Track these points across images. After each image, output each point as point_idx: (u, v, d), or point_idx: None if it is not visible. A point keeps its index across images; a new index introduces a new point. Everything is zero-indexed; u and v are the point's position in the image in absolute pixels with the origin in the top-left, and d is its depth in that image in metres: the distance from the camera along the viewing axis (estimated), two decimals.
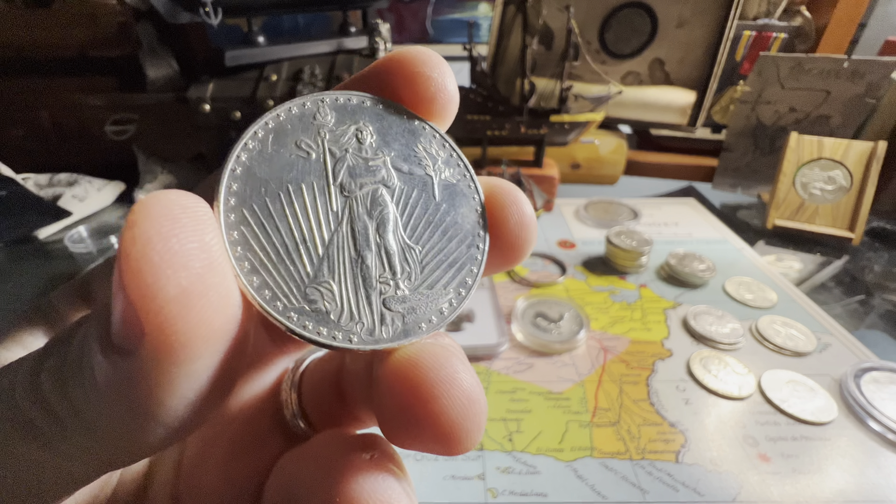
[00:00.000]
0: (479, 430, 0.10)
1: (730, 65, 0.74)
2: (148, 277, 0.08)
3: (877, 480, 0.31)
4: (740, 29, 0.72)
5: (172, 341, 0.08)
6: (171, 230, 0.08)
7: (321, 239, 0.11)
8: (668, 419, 0.35)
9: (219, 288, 0.09)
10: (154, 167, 0.70)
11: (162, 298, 0.08)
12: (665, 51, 0.74)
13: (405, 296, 0.12)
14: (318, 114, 0.12)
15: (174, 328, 0.08)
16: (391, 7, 1.12)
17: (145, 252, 0.08)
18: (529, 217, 0.13)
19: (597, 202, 0.68)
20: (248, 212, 0.11)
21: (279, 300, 0.11)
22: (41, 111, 0.69)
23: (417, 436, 0.10)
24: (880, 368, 0.39)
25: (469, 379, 0.10)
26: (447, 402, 0.10)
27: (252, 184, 0.11)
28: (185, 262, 0.08)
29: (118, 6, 0.64)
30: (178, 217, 0.08)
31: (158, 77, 0.68)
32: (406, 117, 0.13)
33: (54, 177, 0.67)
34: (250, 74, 0.66)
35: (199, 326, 0.08)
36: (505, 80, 0.77)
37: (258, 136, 0.11)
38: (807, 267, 0.56)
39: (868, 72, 0.61)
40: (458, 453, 0.10)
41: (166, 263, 0.08)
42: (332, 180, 0.12)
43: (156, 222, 0.08)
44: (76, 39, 0.66)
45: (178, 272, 0.08)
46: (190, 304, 0.08)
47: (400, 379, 0.10)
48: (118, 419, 0.09)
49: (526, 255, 0.13)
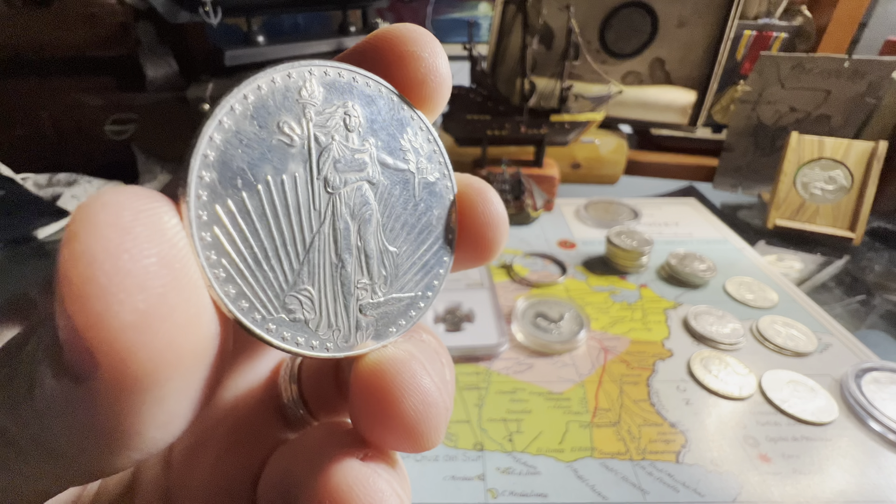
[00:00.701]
0: (437, 430, 0.11)
1: (730, 64, 0.74)
2: (95, 304, 0.07)
3: (878, 481, 0.31)
4: (741, 28, 0.72)
5: (133, 370, 0.07)
6: (120, 243, 0.07)
7: (302, 241, 0.11)
8: (668, 419, 0.35)
9: (186, 306, 0.08)
10: (153, 167, 0.70)
11: (115, 327, 0.07)
12: (665, 50, 0.74)
13: (380, 301, 0.12)
14: (305, 88, 0.11)
15: (134, 357, 0.07)
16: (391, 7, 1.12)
17: (90, 273, 0.07)
18: (499, 215, 0.13)
19: (597, 202, 0.68)
20: (222, 209, 0.09)
21: (257, 311, 0.10)
22: (41, 111, 0.69)
23: (383, 434, 0.11)
24: (881, 369, 0.39)
25: (427, 382, 0.11)
26: (409, 404, 0.10)
27: (227, 174, 0.09)
28: (141, 282, 0.07)
29: (118, 6, 0.64)
30: (130, 226, 0.07)
31: (158, 77, 0.68)
32: (396, 103, 0.12)
33: (54, 177, 0.67)
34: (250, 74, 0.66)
35: (166, 351, 0.07)
36: (505, 80, 0.77)
37: (235, 111, 0.10)
38: (807, 267, 0.56)
39: (869, 71, 0.61)
40: (423, 450, 0.11)
41: (117, 286, 0.07)
42: (316, 174, 0.11)
43: (101, 234, 0.07)
44: (76, 39, 0.66)
45: (133, 295, 0.07)
46: (151, 329, 0.07)
47: (366, 383, 0.11)
48: (79, 444, 0.08)
49: (496, 253, 0.13)
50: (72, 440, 0.08)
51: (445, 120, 0.64)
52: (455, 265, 0.13)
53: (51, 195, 0.63)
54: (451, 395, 0.12)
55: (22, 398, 0.08)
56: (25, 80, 0.67)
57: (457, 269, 0.14)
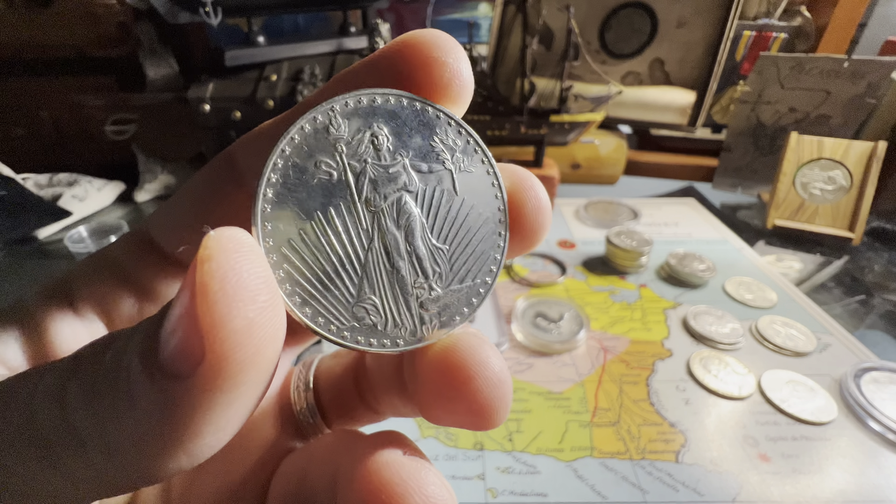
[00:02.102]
0: (507, 407, 0.12)
1: (730, 65, 0.74)
2: (222, 308, 0.08)
3: (877, 480, 0.31)
4: (740, 29, 0.72)
5: (228, 370, 0.08)
6: (242, 265, 0.09)
7: (357, 258, 0.12)
8: (668, 419, 0.35)
9: (275, 320, 0.09)
10: (154, 167, 0.70)
11: (230, 329, 0.08)
12: (665, 51, 0.74)
13: (438, 295, 0.13)
14: (332, 126, 0.12)
15: (233, 357, 0.08)
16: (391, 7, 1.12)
17: (221, 285, 0.08)
18: (545, 202, 0.13)
19: (597, 202, 0.68)
20: (287, 249, 0.11)
21: (332, 324, 0.12)
22: (41, 111, 0.69)
23: (455, 412, 0.11)
24: (880, 368, 0.39)
25: (498, 363, 0.12)
26: (481, 383, 0.11)
27: (284, 220, 0.11)
28: (254, 296, 0.09)
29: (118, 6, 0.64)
30: (247, 252, 0.09)
31: (158, 77, 0.68)
32: (419, 108, 0.13)
33: (54, 177, 0.67)
34: (250, 74, 0.66)
35: (255, 356, 0.09)
36: (505, 80, 0.77)
37: (278, 167, 0.11)
38: (807, 267, 0.56)
39: (868, 72, 0.61)
40: (490, 427, 0.12)
41: (239, 296, 0.08)
42: (357, 198, 0.12)
43: (230, 256, 0.09)
44: (76, 39, 0.66)
45: (248, 305, 0.08)
46: (251, 335, 0.08)
47: (441, 365, 0.12)
48: (145, 443, 0.09)
49: (542, 238, 0.14)
50: (141, 435, 0.09)
51: None
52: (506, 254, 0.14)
53: (51, 195, 0.63)
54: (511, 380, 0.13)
55: (103, 394, 0.09)
56: (25, 80, 0.67)
57: (508, 257, 0.14)
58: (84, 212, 0.64)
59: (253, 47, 0.65)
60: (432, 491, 0.10)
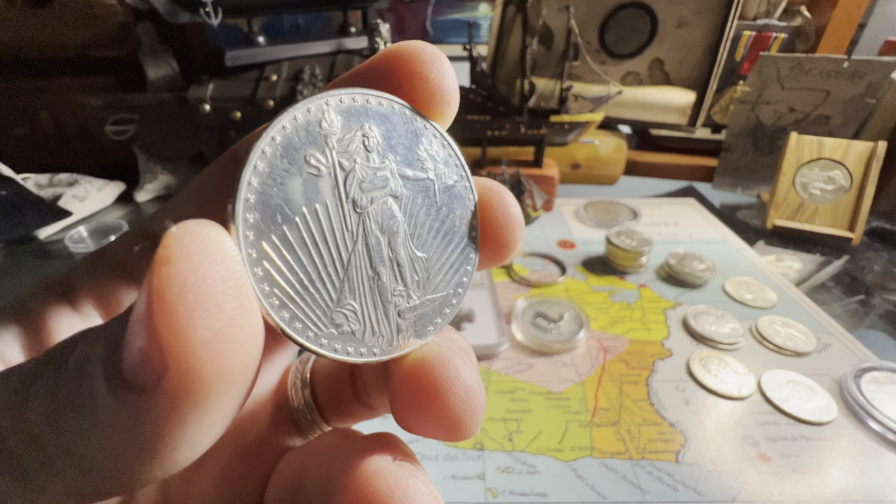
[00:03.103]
0: (477, 419, 0.12)
1: (730, 65, 0.74)
2: (182, 320, 0.07)
3: (877, 480, 0.31)
4: (740, 29, 0.72)
5: (195, 384, 0.08)
6: (207, 269, 0.08)
7: (340, 261, 0.12)
8: (667, 419, 0.35)
9: (248, 329, 0.08)
10: (154, 167, 0.70)
11: (193, 342, 0.07)
12: (665, 51, 0.74)
13: (416, 304, 0.13)
14: (324, 119, 0.12)
15: (199, 371, 0.08)
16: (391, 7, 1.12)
17: (181, 293, 0.07)
18: (516, 216, 0.13)
19: (597, 202, 0.68)
20: (268, 245, 0.10)
21: (310, 330, 0.11)
22: (41, 111, 0.69)
23: (427, 426, 0.11)
24: (880, 368, 0.39)
25: (468, 375, 0.12)
26: (452, 396, 0.11)
27: (268, 212, 0.10)
28: (220, 304, 0.08)
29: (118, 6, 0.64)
30: (214, 255, 0.08)
31: (158, 77, 0.68)
32: (409, 116, 0.13)
33: (54, 177, 0.67)
34: (250, 74, 0.66)
35: (225, 369, 0.08)
36: (505, 81, 0.77)
37: (266, 153, 0.11)
38: (807, 267, 0.56)
39: (868, 72, 0.61)
40: (462, 439, 0.12)
41: (202, 306, 0.08)
42: (344, 198, 0.12)
43: (192, 260, 0.08)
44: (76, 39, 0.66)
45: (213, 315, 0.08)
46: (219, 348, 0.08)
47: (413, 377, 0.12)
48: (115, 457, 0.08)
49: (514, 252, 0.14)
50: (107, 452, 0.08)
51: None
52: (477, 266, 0.14)
53: (52, 195, 0.63)
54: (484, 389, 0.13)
55: (65, 406, 0.08)
56: (26, 80, 0.67)
57: (479, 269, 0.14)
58: (84, 212, 0.64)
59: (253, 47, 0.65)
60: (419, 499, 0.10)
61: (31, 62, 0.67)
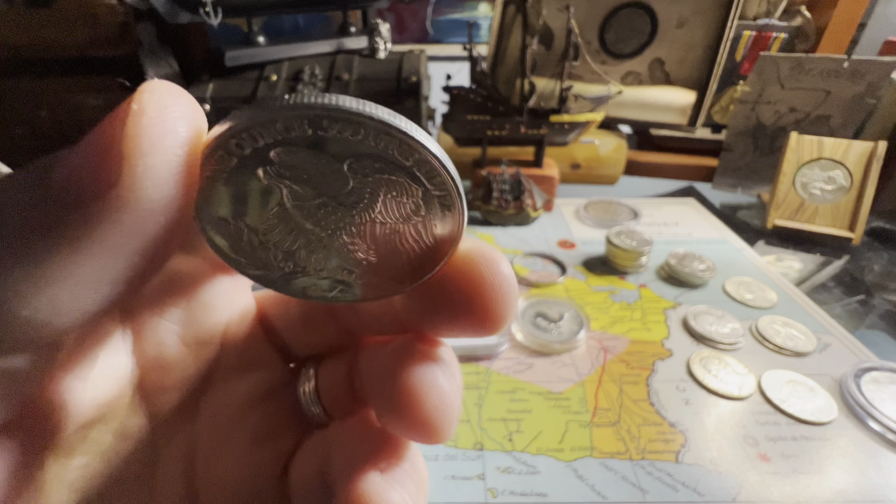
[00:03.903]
0: (451, 425, 0.12)
1: (730, 65, 0.74)
2: (151, 138, 0.08)
3: (877, 480, 0.31)
4: (740, 29, 0.72)
5: (135, 203, 0.08)
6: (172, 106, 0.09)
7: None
8: (668, 419, 0.35)
9: (173, 172, 0.09)
10: None
11: (156, 162, 0.08)
12: (665, 51, 0.74)
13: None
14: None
15: (142, 180, 0.08)
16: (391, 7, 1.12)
17: (158, 117, 0.08)
18: (508, 287, 0.12)
19: (597, 202, 0.68)
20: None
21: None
22: (41, 111, 0.69)
23: (402, 430, 0.12)
24: (880, 368, 0.39)
25: (444, 382, 0.12)
26: (426, 402, 0.12)
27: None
28: (180, 142, 0.09)
29: (118, 6, 0.64)
30: (178, 97, 0.09)
31: (158, 77, 0.68)
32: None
33: None
34: (250, 74, 0.66)
35: (158, 187, 0.08)
36: (505, 80, 0.77)
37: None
38: (807, 267, 0.56)
39: (868, 72, 0.61)
40: (438, 442, 0.12)
41: (166, 127, 0.08)
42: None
43: (169, 101, 0.09)
44: (76, 39, 0.66)
45: (174, 148, 0.09)
46: (161, 174, 0.08)
47: (385, 381, 0.12)
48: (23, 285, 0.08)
49: (501, 328, 0.12)
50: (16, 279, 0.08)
51: (445, 120, 0.64)
52: (459, 332, 0.13)
53: None
54: (461, 397, 0.13)
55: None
56: (26, 79, 0.67)
57: (458, 336, 0.13)
58: None
59: (253, 47, 0.65)
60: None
61: (31, 62, 0.67)
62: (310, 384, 0.16)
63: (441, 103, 0.66)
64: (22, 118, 0.69)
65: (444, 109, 0.65)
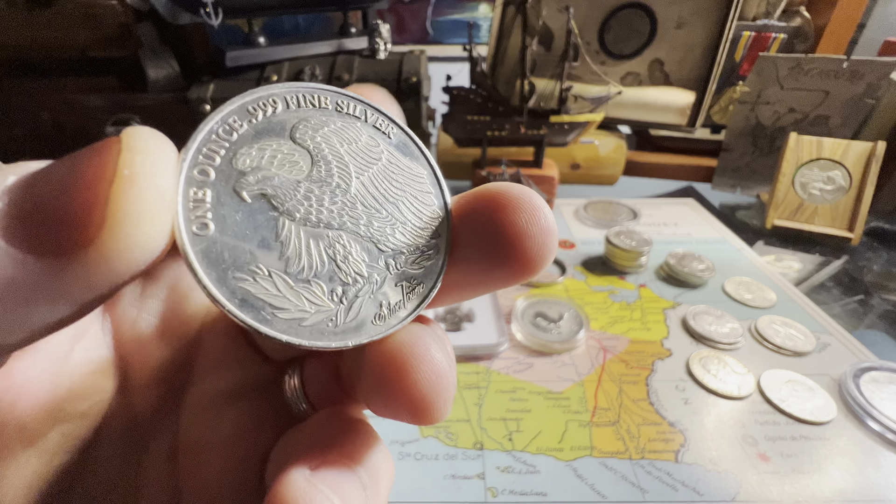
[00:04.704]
0: (446, 401, 0.11)
1: (729, 65, 0.74)
2: (140, 196, 0.08)
3: (876, 480, 0.31)
4: (739, 29, 0.72)
5: (118, 255, 0.08)
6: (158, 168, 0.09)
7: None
8: (667, 419, 0.36)
9: (161, 229, 0.09)
10: None
11: (136, 217, 0.08)
12: (664, 51, 0.74)
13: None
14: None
15: (124, 244, 0.08)
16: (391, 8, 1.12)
17: (146, 174, 0.08)
18: (546, 224, 0.13)
19: (596, 202, 0.68)
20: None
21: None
22: (42, 111, 0.69)
23: (395, 406, 0.11)
24: (879, 368, 0.39)
25: (439, 355, 0.12)
26: (419, 375, 0.11)
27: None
28: (162, 206, 0.09)
29: (119, 6, 0.64)
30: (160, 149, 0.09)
31: (159, 77, 0.68)
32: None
33: None
34: (251, 75, 0.66)
35: (137, 254, 0.08)
36: (505, 81, 0.77)
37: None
38: (806, 267, 0.56)
39: (867, 72, 0.62)
40: (431, 422, 0.11)
41: (152, 194, 0.08)
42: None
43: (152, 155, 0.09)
44: (77, 40, 0.66)
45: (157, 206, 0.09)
46: (142, 230, 0.08)
47: (380, 358, 0.12)
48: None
49: (541, 269, 0.12)
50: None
51: (445, 120, 0.65)
52: (498, 283, 0.13)
53: None
54: (455, 374, 0.13)
55: None
56: (26, 80, 0.67)
57: (499, 288, 0.13)
58: None
59: (253, 48, 0.65)
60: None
61: (32, 62, 0.67)
62: (295, 379, 0.15)
63: (441, 104, 0.66)
64: (22, 119, 0.69)
65: (444, 110, 0.65)
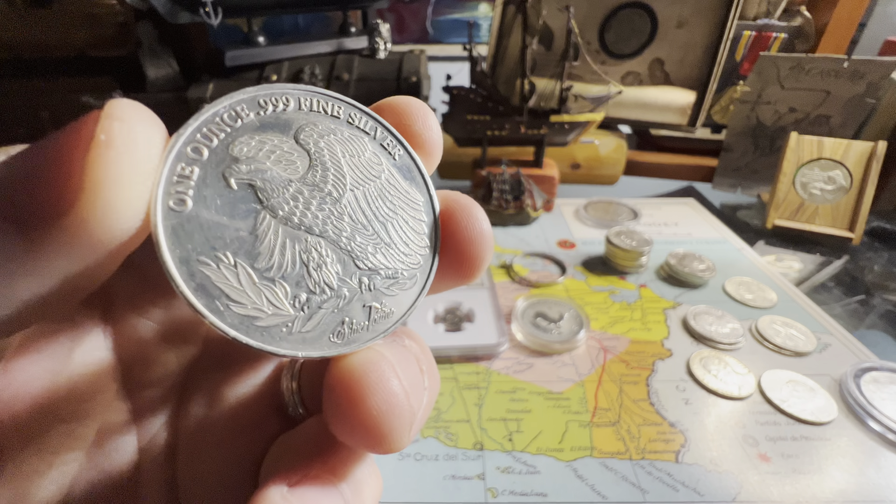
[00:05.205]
0: (401, 432, 0.11)
1: (729, 65, 0.74)
2: (115, 166, 0.08)
3: (877, 480, 0.31)
4: (740, 29, 0.72)
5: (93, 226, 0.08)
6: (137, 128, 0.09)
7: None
8: (667, 419, 0.35)
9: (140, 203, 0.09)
10: None
11: (114, 189, 0.08)
12: (665, 51, 0.74)
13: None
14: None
15: (100, 215, 0.08)
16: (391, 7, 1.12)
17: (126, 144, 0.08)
18: (484, 233, 0.14)
19: (597, 202, 0.68)
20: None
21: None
22: (41, 111, 0.69)
23: (347, 432, 0.11)
24: (880, 368, 0.39)
25: (395, 384, 0.11)
26: (371, 404, 0.11)
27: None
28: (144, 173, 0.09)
29: (118, 6, 0.64)
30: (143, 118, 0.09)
31: (158, 77, 0.68)
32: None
33: None
34: (250, 74, 0.66)
35: (114, 226, 0.08)
36: (505, 81, 0.77)
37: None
38: (807, 267, 0.56)
39: (868, 72, 0.61)
40: (386, 451, 0.11)
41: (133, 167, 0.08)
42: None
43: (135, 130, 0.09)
44: (76, 39, 0.66)
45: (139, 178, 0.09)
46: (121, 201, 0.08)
47: (337, 380, 0.11)
48: None
49: (479, 273, 0.14)
50: None
51: (446, 120, 0.64)
52: (438, 283, 0.14)
53: None
54: (423, 401, 0.13)
55: None
56: (26, 80, 0.67)
57: (440, 289, 0.14)
58: None
59: (253, 47, 0.65)
60: None
61: (32, 62, 0.67)
62: (293, 382, 0.15)
63: (441, 103, 0.66)
64: (22, 118, 0.69)
65: (444, 109, 0.65)
